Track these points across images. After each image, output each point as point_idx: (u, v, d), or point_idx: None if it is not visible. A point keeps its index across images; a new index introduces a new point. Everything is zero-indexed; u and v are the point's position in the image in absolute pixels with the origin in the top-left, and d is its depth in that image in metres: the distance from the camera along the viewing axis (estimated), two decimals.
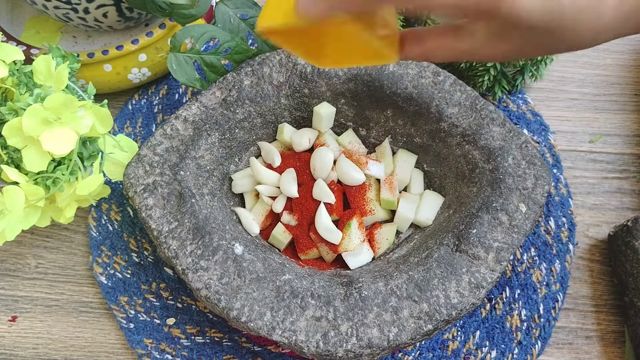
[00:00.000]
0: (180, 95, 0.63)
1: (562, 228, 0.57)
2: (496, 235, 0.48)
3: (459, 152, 0.53)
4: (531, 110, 0.62)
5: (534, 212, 0.49)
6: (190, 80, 0.54)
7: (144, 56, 0.59)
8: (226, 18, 0.57)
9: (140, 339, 0.52)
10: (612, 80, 0.65)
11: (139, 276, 0.54)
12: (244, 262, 0.47)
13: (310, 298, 0.45)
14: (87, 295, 0.55)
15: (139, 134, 0.60)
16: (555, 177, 0.59)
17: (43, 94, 0.45)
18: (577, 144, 0.62)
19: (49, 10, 0.56)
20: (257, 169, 0.52)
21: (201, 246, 0.46)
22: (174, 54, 0.54)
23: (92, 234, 0.55)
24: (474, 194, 0.51)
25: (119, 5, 0.56)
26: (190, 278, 0.45)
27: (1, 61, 0.46)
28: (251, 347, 0.52)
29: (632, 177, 0.60)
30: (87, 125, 0.46)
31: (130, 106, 0.62)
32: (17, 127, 0.44)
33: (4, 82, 0.47)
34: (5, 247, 0.56)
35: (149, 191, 0.48)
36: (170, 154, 0.50)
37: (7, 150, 0.45)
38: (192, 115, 0.51)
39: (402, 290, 0.46)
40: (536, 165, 0.51)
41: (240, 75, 0.54)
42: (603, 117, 0.64)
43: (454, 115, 0.53)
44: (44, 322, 0.53)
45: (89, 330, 0.53)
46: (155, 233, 0.47)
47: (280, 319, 0.44)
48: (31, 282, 0.55)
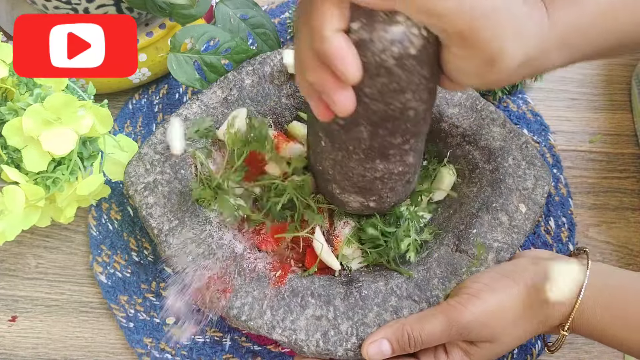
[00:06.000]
0: (180, 95, 0.63)
1: (562, 228, 0.57)
2: (496, 235, 0.48)
3: (459, 153, 0.53)
4: (531, 110, 0.62)
5: (534, 212, 0.49)
6: (190, 80, 0.54)
7: (144, 56, 0.59)
8: (226, 18, 0.57)
9: (140, 338, 0.52)
10: (612, 80, 0.65)
11: (138, 275, 0.54)
12: (244, 261, 0.47)
13: (310, 297, 0.45)
14: (87, 295, 0.55)
15: (139, 133, 0.61)
16: (555, 177, 0.59)
17: (43, 94, 0.45)
18: (577, 144, 0.62)
19: (49, 10, 0.56)
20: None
21: (202, 245, 0.46)
22: (174, 54, 0.54)
23: (92, 233, 0.55)
24: (474, 194, 0.51)
25: (119, 5, 0.56)
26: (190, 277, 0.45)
27: (1, 61, 0.46)
28: (251, 346, 0.52)
29: (632, 177, 0.60)
30: (87, 125, 0.46)
31: (130, 106, 0.62)
32: (17, 127, 0.44)
33: (4, 82, 0.47)
34: (5, 247, 0.56)
35: (149, 189, 0.48)
36: (171, 153, 0.50)
37: (7, 150, 0.45)
38: (193, 114, 0.51)
39: (402, 290, 0.46)
40: (536, 166, 0.51)
41: (242, 75, 0.54)
42: (603, 117, 0.64)
43: (454, 116, 0.53)
44: (44, 322, 0.53)
45: (89, 330, 0.53)
46: (155, 231, 0.47)
47: (280, 317, 0.44)
48: (31, 282, 0.55)
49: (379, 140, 0.40)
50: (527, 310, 0.43)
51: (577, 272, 0.44)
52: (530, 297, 0.43)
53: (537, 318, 0.43)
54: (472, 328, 0.42)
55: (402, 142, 0.41)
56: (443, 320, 0.42)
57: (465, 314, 0.42)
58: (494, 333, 0.42)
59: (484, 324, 0.42)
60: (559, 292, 0.42)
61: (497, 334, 0.42)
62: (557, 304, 0.43)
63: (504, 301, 0.43)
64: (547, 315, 0.43)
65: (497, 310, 0.42)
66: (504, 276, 0.44)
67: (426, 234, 0.49)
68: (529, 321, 0.43)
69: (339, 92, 0.34)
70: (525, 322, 0.43)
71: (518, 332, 0.43)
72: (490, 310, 0.42)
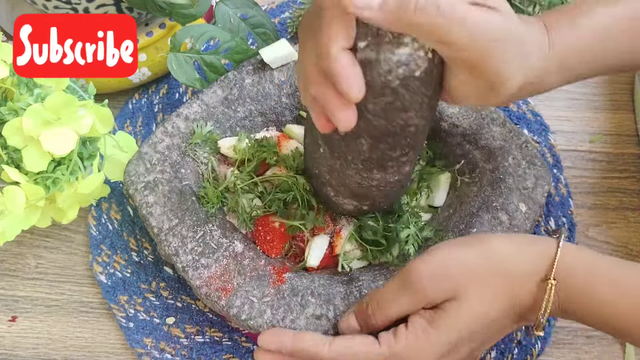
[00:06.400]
0: (180, 95, 0.63)
1: (562, 228, 0.57)
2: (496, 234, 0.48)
3: (460, 152, 0.53)
4: (531, 110, 0.63)
5: (534, 212, 0.49)
6: (190, 80, 0.54)
7: (144, 56, 0.59)
8: (226, 18, 0.57)
9: (140, 338, 0.52)
10: (613, 80, 0.65)
11: (138, 275, 0.54)
12: (244, 260, 0.47)
13: (310, 296, 0.45)
14: (87, 295, 0.54)
15: (139, 133, 0.61)
16: (555, 177, 0.59)
17: (43, 93, 0.45)
18: (577, 144, 0.62)
19: (49, 10, 0.56)
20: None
21: (202, 244, 0.46)
22: (174, 54, 0.54)
23: (92, 233, 0.55)
24: (474, 193, 0.51)
25: (118, 5, 0.56)
26: (190, 275, 0.45)
27: (1, 61, 0.46)
28: (251, 346, 0.52)
29: (632, 177, 0.60)
30: (88, 125, 0.46)
31: (130, 105, 0.62)
32: (18, 127, 0.44)
33: (4, 82, 0.47)
34: (5, 247, 0.56)
35: (149, 189, 0.48)
36: (171, 152, 0.50)
37: (7, 150, 0.45)
38: (193, 113, 0.52)
39: None
40: (536, 165, 0.51)
41: (242, 74, 0.54)
42: (603, 117, 0.64)
43: (454, 115, 0.53)
44: (44, 322, 0.53)
45: (89, 330, 0.53)
46: (155, 230, 0.47)
47: (280, 317, 0.44)
48: (31, 282, 0.55)
49: (379, 153, 0.40)
50: (493, 267, 0.39)
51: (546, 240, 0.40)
52: (495, 254, 0.39)
53: (508, 278, 0.38)
54: (428, 278, 0.38)
55: (400, 155, 0.41)
56: (397, 277, 0.40)
57: (419, 263, 0.39)
58: (455, 286, 0.38)
59: (442, 274, 0.38)
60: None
61: (459, 289, 0.38)
62: (530, 257, 0.39)
63: (464, 253, 0.39)
64: (519, 273, 0.38)
65: (455, 260, 0.39)
66: (466, 237, 0.43)
67: (427, 231, 0.49)
68: (498, 278, 0.38)
69: (341, 109, 0.35)
70: (493, 279, 0.38)
71: (487, 290, 0.38)
72: (448, 261, 0.39)
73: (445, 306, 0.38)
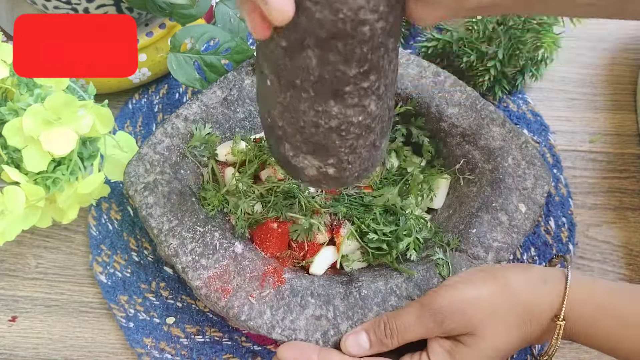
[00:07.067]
0: (180, 95, 0.63)
1: (562, 228, 0.57)
2: (496, 235, 0.48)
3: (459, 152, 0.53)
4: (531, 110, 0.63)
5: (534, 212, 0.49)
6: (190, 80, 0.54)
7: (144, 56, 0.59)
8: (226, 18, 0.57)
9: (140, 338, 0.52)
10: (612, 80, 0.65)
11: (138, 275, 0.54)
12: (244, 260, 0.47)
13: (310, 297, 0.45)
14: (87, 295, 0.55)
15: (139, 133, 0.61)
16: (555, 177, 0.59)
17: (43, 94, 0.45)
18: (577, 144, 0.62)
19: (49, 10, 0.56)
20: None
21: (201, 245, 0.46)
22: (174, 54, 0.54)
23: (92, 233, 0.55)
24: (474, 193, 0.51)
25: (119, 5, 0.56)
26: (190, 276, 0.45)
27: (1, 61, 0.46)
28: (251, 346, 0.52)
29: (632, 177, 0.60)
30: (88, 125, 0.46)
31: (130, 106, 0.62)
32: (18, 127, 0.44)
33: (4, 82, 0.47)
34: (5, 247, 0.56)
35: (149, 189, 0.48)
36: (171, 153, 0.50)
37: (7, 150, 0.45)
38: (193, 114, 0.52)
39: (401, 290, 0.46)
40: (536, 166, 0.51)
41: (241, 75, 0.54)
42: (603, 117, 0.64)
43: (454, 115, 0.53)
44: (44, 322, 0.53)
45: (89, 330, 0.53)
46: (155, 231, 0.47)
47: (280, 317, 0.44)
48: (31, 282, 0.55)
49: (330, 69, 0.33)
50: (507, 304, 0.42)
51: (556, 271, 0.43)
52: (509, 292, 0.42)
53: (520, 315, 0.42)
54: (447, 313, 0.41)
55: (359, 75, 0.34)
56: (417, 306, 0.42)
57: (438, 298, 0.42)
58: (472, 323, 0.41)
59: (460, 310, 0.41)
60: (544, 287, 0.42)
61: (476, 325, 0.41)
62: (542, 295, 0.42)
63: (481, 292, 0.42)
64: (532, 311, 0.42)
65: (473, 298, 0.41)
66: (481, 271, 0.44)
67: (425, 231, 0.49)
68: (512, 316, 0.42)
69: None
70: (507, 317, 0.41)
71: (501, 327, 0.41)
72: (466, 298, 0.41)
73: (465, 340, 0.41)
